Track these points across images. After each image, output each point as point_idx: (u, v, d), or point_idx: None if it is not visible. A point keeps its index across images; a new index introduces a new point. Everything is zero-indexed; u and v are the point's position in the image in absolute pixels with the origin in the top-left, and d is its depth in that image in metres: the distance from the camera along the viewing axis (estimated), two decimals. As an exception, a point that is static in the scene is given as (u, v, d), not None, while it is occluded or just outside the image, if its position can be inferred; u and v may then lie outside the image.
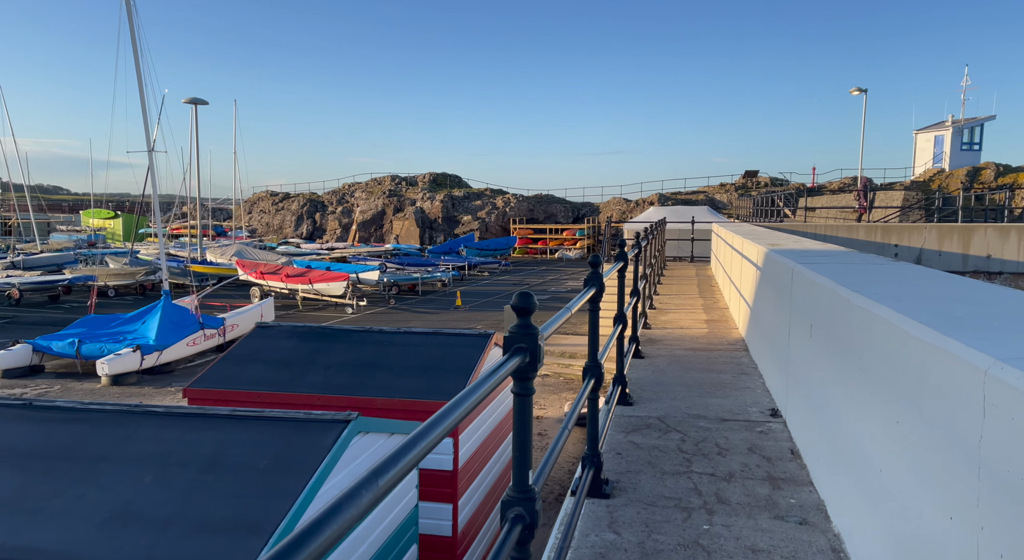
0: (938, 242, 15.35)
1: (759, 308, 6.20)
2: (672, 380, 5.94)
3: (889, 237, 15.33)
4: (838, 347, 3.11)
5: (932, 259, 15.37)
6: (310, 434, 3.07)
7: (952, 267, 14.15)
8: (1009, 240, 15.30)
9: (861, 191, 20.37)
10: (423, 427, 1.33)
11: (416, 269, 31.03)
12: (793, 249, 6.15)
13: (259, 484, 2.73)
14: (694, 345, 7.41)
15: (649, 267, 9.92)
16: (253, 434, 3.06)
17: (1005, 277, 15.00)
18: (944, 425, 1.87)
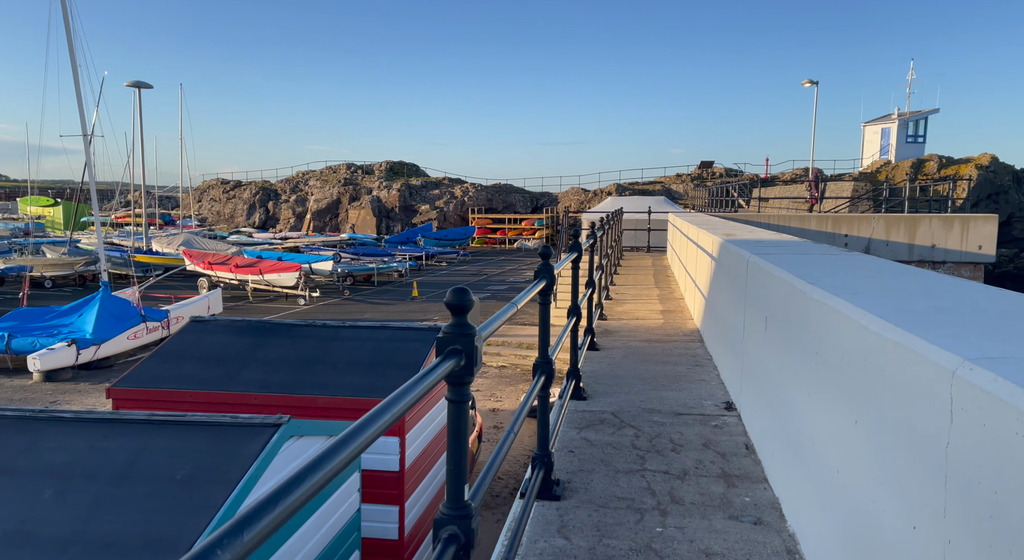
0: (886, 232, 15.66)
1: (714, 299, 6.15)
2: (627, 373, 5.84)
3: (839, 227, 15.67)
4: (794, 341, 3.01)
5: (880, 249, 15.72)
6: (235, 440, 2.82)
7: (899, 256, 14.53)
8: (952, 230, 15.73)
9: (812, 182, 20.77)
10: (335, 442, 1.14)
11: (371, 259, 30.45)
12: (748, 239, 6.10)
13: (175, 497, 2.48)
14: (650, 336, 7.34)
15: (605, 257, 9.83)
16: (172, 441, 2.79)
17: (948, 266, 15.46)
18: (908, 428, 1.76)
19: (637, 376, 5.71)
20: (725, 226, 8.65)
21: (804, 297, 2.86)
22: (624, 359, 6.33)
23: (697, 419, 4.62)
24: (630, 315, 8.53)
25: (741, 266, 4.64)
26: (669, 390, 5.31)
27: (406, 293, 26.55)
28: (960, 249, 15.42)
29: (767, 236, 6.67)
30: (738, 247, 5.10)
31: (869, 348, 2.05)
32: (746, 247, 4.99)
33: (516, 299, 2.67)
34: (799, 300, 2.94)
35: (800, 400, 2.91)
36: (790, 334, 3.07)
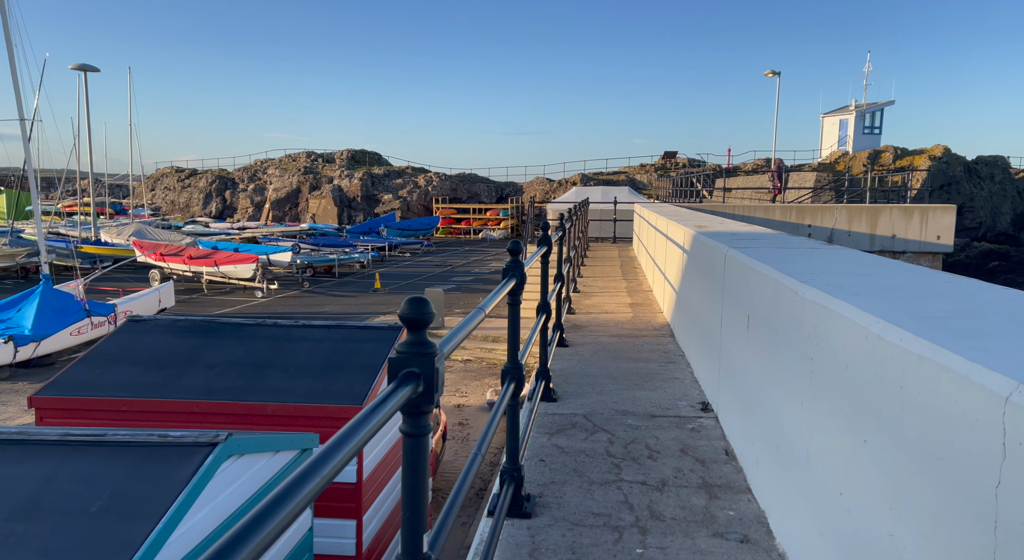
0: (848, 222, 15.75)
1: (686, 293, 5.94)
2: (598, 371, 5.60)
3: (803, 218, 15.79)
4: (783, 344, 2.78)
5: (842, 239, 15.81)
6: (163, 463, 2.45)
7: (861, 246, 14.69)
8: (912, 221, 15.89)
9: (775, 172, 20.86)
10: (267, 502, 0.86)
11: (332, 250, 29.67)
12: (721, 231, 5.90)
13: (87, 534, 2.10)
14: (619, 331, 7.13)
15: (573, 249, 9.58)
16: (89, 465, 2.40)
17: (908, 256, 15.57)
18: (939, 458, 1.52)
19: (608, 374, 5.48)
20: (694, 217, 8.48)
21: (795, 297, 2.63)
22: (594, 356, 6.09)
23: (673, 421, 4.40)
24: (599, 309, 8.31)
25: (718, 260, 4.41)
26: (642, 389, 5.08)
27: (368, 284, 26.00)
28: (919, 239, 15.58)
29: (739, 228, 6.49)
30: (713, 240, 4.88)
31: (883, 360, 1.81)
32: (721, 240, 4.77)
33: (483, 304, 2.37)
34: (788, 300, 2.71)
35: (790, 409, 2.69)
36: (777, 336, 2.85)
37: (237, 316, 16.67)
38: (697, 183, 32.67)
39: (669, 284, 7.00)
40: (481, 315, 2.24)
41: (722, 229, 6.23)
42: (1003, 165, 45.98)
